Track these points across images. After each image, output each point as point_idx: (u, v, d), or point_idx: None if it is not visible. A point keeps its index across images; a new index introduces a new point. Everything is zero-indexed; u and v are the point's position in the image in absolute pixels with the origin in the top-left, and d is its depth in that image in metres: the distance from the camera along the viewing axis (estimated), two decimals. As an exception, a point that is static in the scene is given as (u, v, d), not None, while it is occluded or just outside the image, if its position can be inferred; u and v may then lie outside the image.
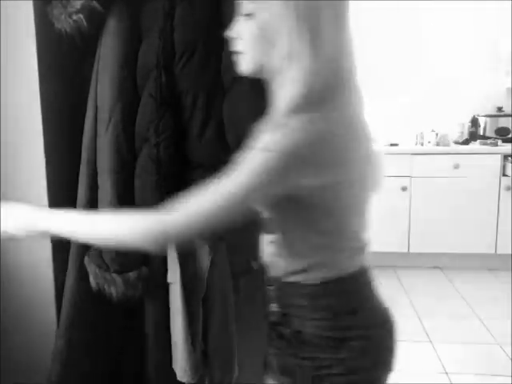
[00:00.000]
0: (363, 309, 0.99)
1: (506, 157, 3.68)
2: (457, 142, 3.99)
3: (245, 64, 0.94)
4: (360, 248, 0.99)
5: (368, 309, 1.00)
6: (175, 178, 1.24)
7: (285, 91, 0.87)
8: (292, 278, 0.97)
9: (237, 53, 0.94)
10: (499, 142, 3.90)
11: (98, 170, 1.24)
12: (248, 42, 0.91)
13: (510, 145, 3.81)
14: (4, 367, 1.42)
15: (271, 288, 1.01)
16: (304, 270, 0.95)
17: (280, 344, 1.00)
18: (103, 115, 1.22)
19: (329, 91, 0.86)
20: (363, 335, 0.96)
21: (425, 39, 4.24)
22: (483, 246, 3.80)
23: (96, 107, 1.25)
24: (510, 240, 3.72)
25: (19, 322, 1.43)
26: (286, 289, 0.98)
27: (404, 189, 3.80)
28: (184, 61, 1.21)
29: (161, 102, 1.20)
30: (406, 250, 3.87)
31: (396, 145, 4.01)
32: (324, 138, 0.83)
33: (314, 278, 0.95)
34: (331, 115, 0.85)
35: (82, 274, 1.28)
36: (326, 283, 0.94)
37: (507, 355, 2.60)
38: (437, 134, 3.94)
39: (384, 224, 3.83)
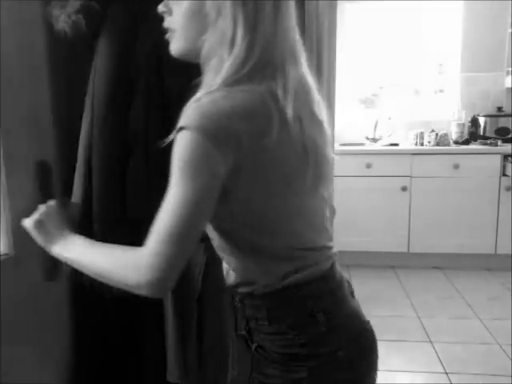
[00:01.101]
0: (329, 322, 0.89)
1: (505, 157, 3.68)
2: (457, 142, 3.99)
3: (175, 43, 0.89)
4: (313, 252, 0.92)
5: (335, 322, 0.90)
6: (165, 179, 1.24)
7: (211, 74, 0.83)
8: (246, 289, 0.91)
9: (168, 30, 0.89)
10: (499, 142, 3.90)
11: (93, 169, 1.24)
12: (182, 21, 0.86)
13: (509, 145, 3.81)
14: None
15: (236, 299, 0.95)
16: (252, 280, 0.90)
17: (249, 359, 0.93)
18: (99, 116, 1.22)
19: (253, 72, 0.81)
20: (327, 353, 0.88)
21: (425, 39, 4.24)
22: (483, 246, 3.79)
23: (93, 107, 1.25)
24: (510, 240, 3.72)
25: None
26: (244, 300, 0.92)
27: (404, 189, 3.80)
28: (173, 61, 1.20)
29: (151, 102, 1.20)
30: (405, 250, 3.87)
31: (396, 145, 4.01)
32: (229, 116, 0.77)
33: (263, 287, 0.89)
34: (242, 95, 0.80)
35: (79, 272, 1.27)
36: (276, 293, 0.88)
37: (507, 355, 2.60)
38: (437, 134, 3.94)
39: (384, 224, 3.83)
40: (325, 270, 0.93)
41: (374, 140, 4.15)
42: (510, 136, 3.98)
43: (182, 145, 0.77)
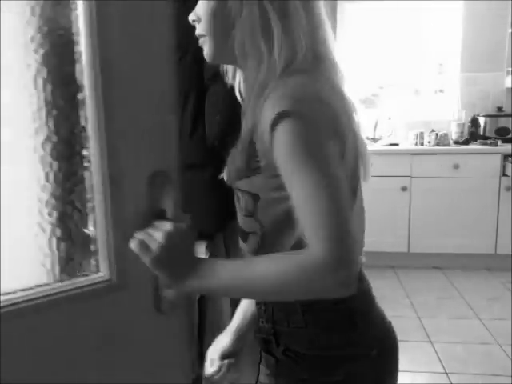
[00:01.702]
0: (363, 322, 0.88)
1: (506, 157, 3.68)
2: (457, 142, 3.99)
3: (206, 48, 0.87)
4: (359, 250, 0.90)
5: (368, 322, 0.90)
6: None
7: (252, 69, 0.80)
8: None
9: (200, 37, 0.87)
10: (499, 142, 3.90)
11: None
12: (208, 23, 0.84)
13: (509, 145, 3.81)
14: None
15: (261, 303, 0.92)
16: None
17: (271, 363, 0.91)
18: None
19: (308, 63, 0.79)
20: (362, 354, 0.87)
21: (425, 39, 4.24)
22: (483, 246, 3.80)
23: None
24: (510, 240, 3.72)
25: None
26: (276, 303, 0.88)
27: (404, 189, 3.80)
28: (176, 61, 1.21)
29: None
30: (405, 250, 3.87)
31: (396, 145, 4.02)
32: (316, 98, 0.75)
33: None
34: (315, 83, 0.79)
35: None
36: None
37: (507, 355, 2.60)
38: (437, 134, 3.94)
39: (384, 224, 3.83)
40: (363, 270, 0.92)
41: (374, 140, 4.15)
42: (510, 136, 3.98)
43: (290, 135, 0.71)
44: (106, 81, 0.76)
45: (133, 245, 0.74)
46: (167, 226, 0.74)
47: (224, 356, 1.06)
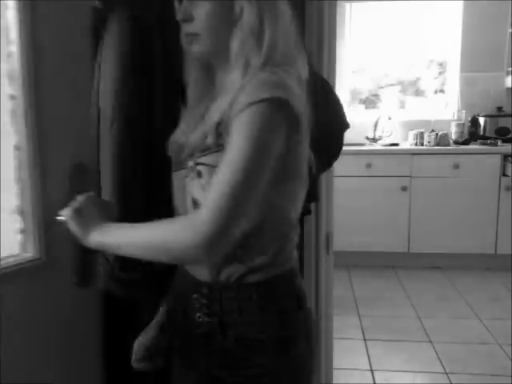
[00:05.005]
0: (304, 303, 0.97)
1: (506, 157, 3.68)
2: (457, 142, 3.99)
3: (201, 46, 0.91)
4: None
5: (305, 301, 0.98)
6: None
7: (240, 69, 0.86)
8: (253, 278, 0.90)
9: (189, 35, 0.92)
10: (499, 142, 3.90)
11: (101, 170, 1.23)
12: (208, 23, 0.89)
13: (509, 145, 3.81)
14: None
15: (197, 296, 0.94)
16: (261, 267, 0.90)
17: (216, 356, 0.92)
18: (106, 117, 1.20)
19: (287, 58, 0.88)
20: (307, 330, 0.96)
21: (425, 39, 4.24)
22: (483, 246, 3.79)
23: (98, 108, 1.23)
24: (510, 240, 3.72)
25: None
26: (226, 293, 0.91)
27: (404, 189, 3.80)
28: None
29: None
30: (405, 250, 3.87)
31: (396, 145, 4.02)
32: (291, 89, 0.83)
33: (266, 274, 0.90)
34: (291, 76, 0.86)
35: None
36: (275, 278, 0.91)
37: (507, 355, 2.60)
38: (437, 134, 3.94)
39: (384, 224, 3.83)
40: None
41: (374, 140, 4.15)
42: (510, 136, 3.98)
43: (255, 116, 0.79)
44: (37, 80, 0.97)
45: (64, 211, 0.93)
46: (89, 193, 0.95)
47: (149, 347, 1.09)
